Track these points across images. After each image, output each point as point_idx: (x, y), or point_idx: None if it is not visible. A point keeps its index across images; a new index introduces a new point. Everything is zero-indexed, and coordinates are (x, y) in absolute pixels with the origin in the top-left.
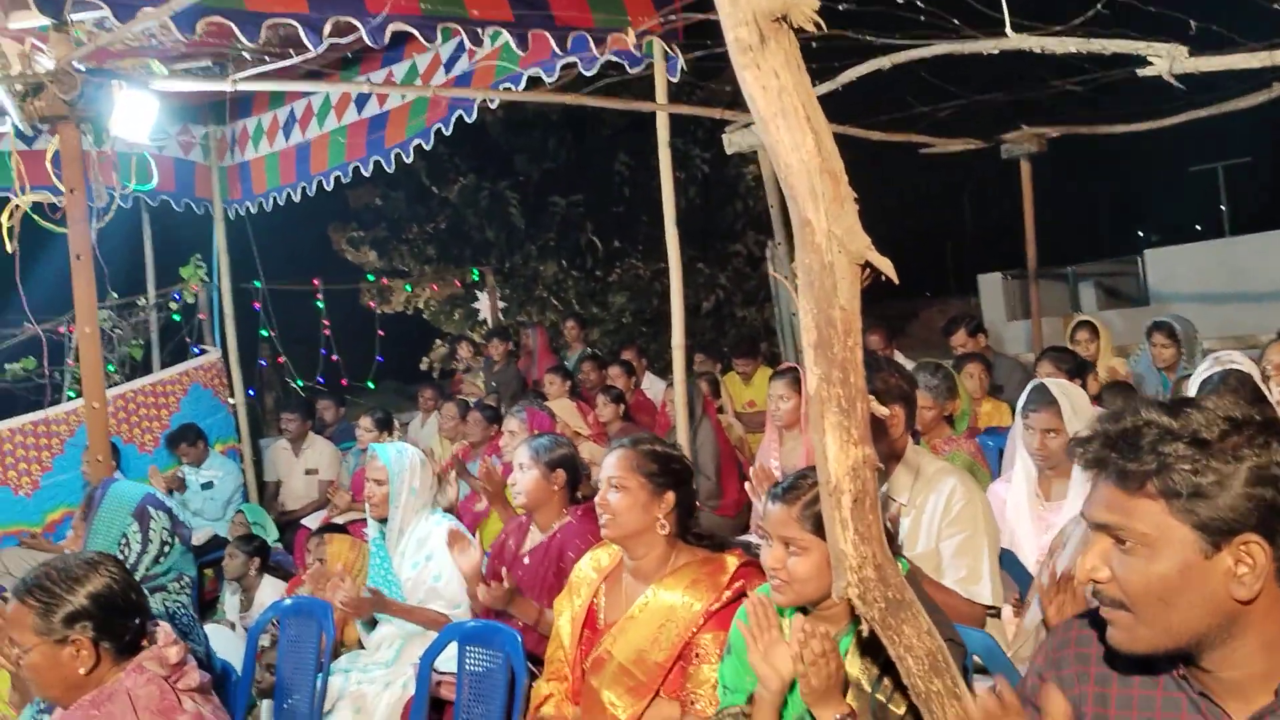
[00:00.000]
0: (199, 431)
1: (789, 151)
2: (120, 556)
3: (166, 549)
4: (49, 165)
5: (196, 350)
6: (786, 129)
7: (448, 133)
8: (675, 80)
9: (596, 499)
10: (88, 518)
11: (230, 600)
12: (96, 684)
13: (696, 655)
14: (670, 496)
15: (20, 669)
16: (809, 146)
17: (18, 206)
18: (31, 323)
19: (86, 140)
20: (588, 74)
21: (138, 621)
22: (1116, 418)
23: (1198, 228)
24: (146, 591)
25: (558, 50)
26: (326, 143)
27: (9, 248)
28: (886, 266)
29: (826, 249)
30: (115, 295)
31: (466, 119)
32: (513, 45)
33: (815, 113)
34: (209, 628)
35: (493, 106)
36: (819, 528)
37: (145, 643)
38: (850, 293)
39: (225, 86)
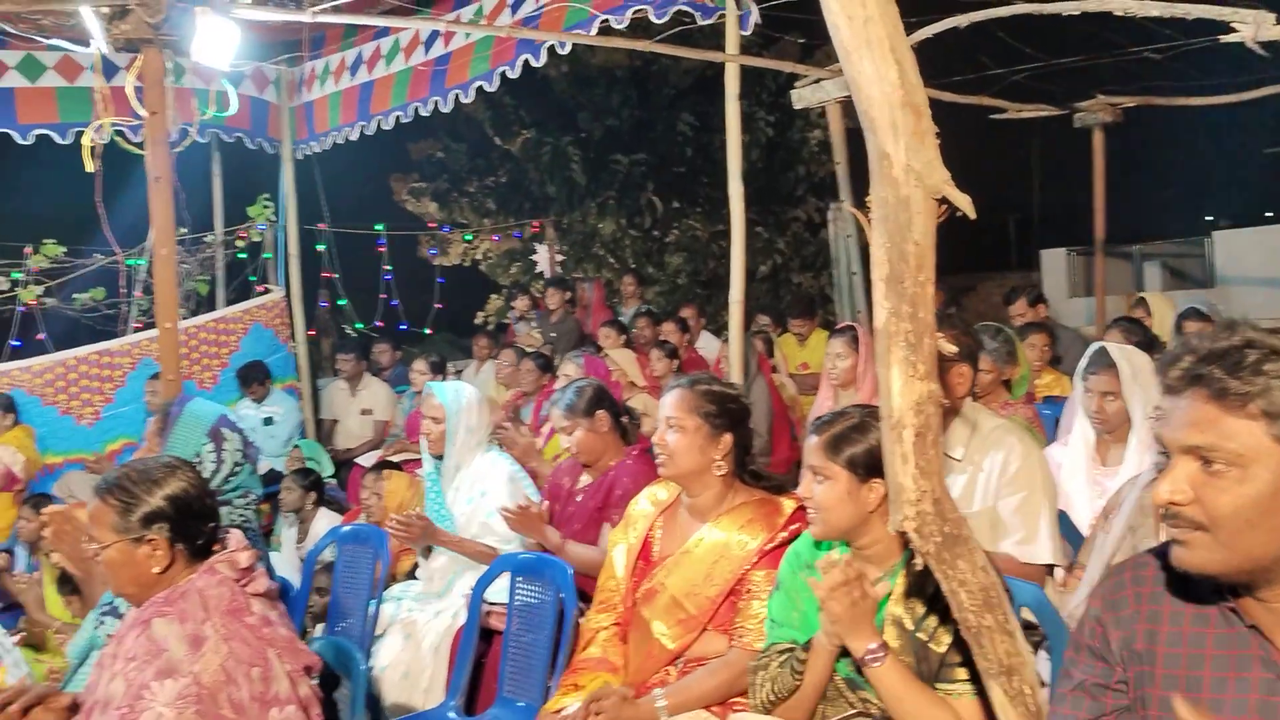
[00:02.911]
0: (267, 370)
1: (871, 83)
2: None
3: (238, 469)
4: (130, 91)
5: (260, 290)
6: (870, 60)
7: (514, 75)
8: (747, 33)
9: (654, 438)
10: (163, 433)
11: (287, 532)
12: (169, 583)
13: (748, 591)
14: (728, 438)
15: (97, 565)
16: (892, 79)
17: (100, 126)
18: (116, 249)
19: (169, 65)
20: (659, 20)
21: (211, 526)
22: (1213, 337)
23: (1267, 214)
24: None
25: None
26: (390, 83)
27: (89, 166)
28: (964, 202)
29: (904, 182)
30: (184, 230)
31: (534, 62)
32: None
33: (901, 44)
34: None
35: (563, 51)
36: (845, 459)
37: (217, 548)
38: (925, 228)
39: (304, 17)
